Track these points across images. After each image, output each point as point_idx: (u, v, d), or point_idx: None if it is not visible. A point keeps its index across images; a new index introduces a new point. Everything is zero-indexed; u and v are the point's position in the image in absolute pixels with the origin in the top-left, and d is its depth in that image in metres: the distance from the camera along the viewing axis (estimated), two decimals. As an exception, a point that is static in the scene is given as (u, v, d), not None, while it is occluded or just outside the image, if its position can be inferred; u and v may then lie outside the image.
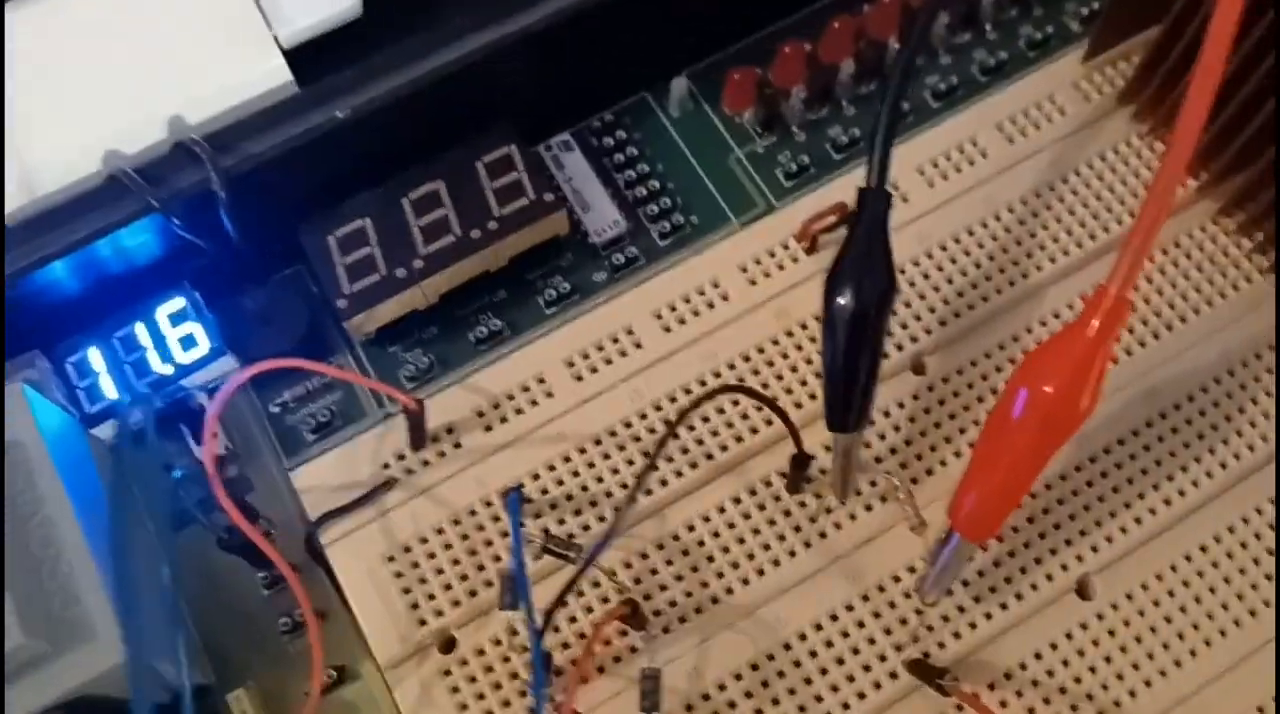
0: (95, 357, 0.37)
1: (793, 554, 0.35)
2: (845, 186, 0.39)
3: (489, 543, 0.35)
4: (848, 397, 0.32)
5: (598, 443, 0.36)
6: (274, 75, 0.38)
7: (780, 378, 0.37)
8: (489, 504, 0.35)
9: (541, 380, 0.37)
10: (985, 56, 0.43)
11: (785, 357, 0.37)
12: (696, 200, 0.42)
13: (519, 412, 0.37)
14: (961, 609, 0.34)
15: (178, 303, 0.38)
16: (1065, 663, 0.34)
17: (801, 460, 0.34)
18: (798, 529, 0.35)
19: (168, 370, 0.38)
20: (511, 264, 0.40)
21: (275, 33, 0.38)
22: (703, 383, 0.37)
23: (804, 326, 0.37)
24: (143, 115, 0.36)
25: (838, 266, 0.32)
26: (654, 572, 0.34)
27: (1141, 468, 0.35)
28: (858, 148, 0.42)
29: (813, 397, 0.37)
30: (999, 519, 0.31)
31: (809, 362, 0.37)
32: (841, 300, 0.31)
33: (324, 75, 0.38)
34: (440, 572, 0.34)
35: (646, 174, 0.42)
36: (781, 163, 0.42)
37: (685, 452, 0.36)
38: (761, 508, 0.35)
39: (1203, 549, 0.35)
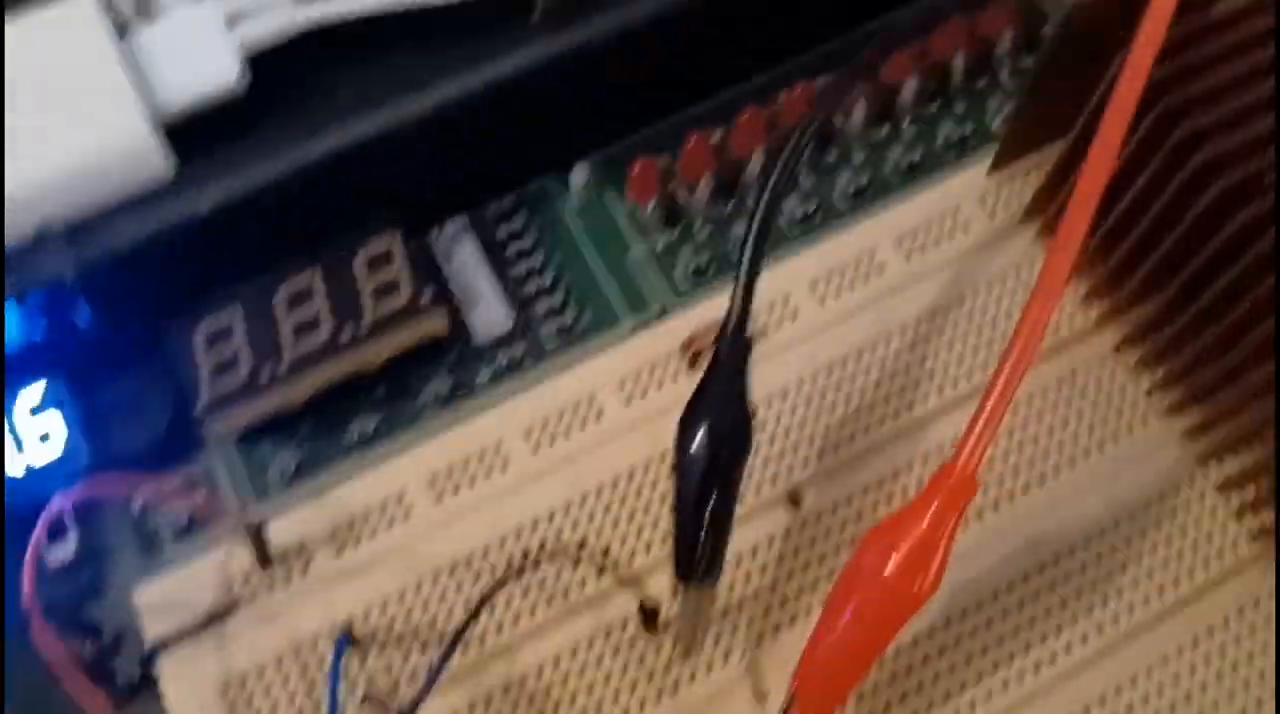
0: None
1: (642, 707, 0.33)
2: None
3: (330, 676, 0.33)
4: (692, 545, 0.30)
5: (451, 572, 0.34)
6: (145, 156, 0.36)
7: (648, 510, 0.35)
8: (334, 633, 0.34)
9: (401, 499, 0.35)
10: (901, 155, 0.41)
11: (655, 486, 0.35)
12: (590, 297, 0.40)
13: (374, 533, 0.35)
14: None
15: (36, 392, 0.37)
16: (923, 836, 0.32)
17: (648, 611, 0.32)
18: (650, 678, 0.33)
19: (19, 470, 0.36)
20: (389, 364, 0.38)
21: (149, 109, 0.36)
22: (567, 508, 0.35)
23: (676, 453, 0.35)
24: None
25: (689, 412, 0.31)
26: (499, 718, 0.33)
27: (1015, 625, 0.34)
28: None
29: (682, 528, 0.35)
30: (841, 696, 0.30)
31: (678, 492, 0.35)
32: (691, 449, 0.30)
33: (203, 156, 0.36)
34: (276, 709, 0.33)
35: (541, 267, 0.40)
36: (682, 260, 0.40)
37: (543, 585, 0.34)
38: (616, 652, 0.33)
39: None
